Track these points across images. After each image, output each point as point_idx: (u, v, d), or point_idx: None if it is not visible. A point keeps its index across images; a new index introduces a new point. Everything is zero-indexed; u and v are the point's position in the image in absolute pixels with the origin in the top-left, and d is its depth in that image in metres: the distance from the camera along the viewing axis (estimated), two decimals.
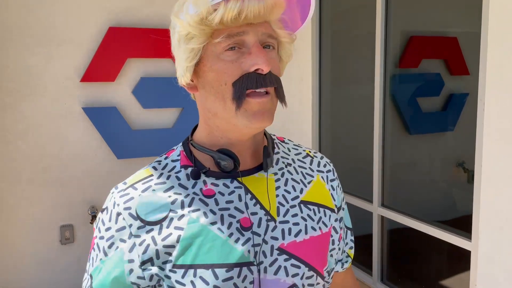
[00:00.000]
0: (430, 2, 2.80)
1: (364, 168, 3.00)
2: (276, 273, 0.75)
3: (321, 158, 0.92)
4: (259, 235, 0.75)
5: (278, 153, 0.87)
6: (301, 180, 0.85)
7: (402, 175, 3.01)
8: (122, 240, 0.73)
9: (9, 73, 2.87)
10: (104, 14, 3.06)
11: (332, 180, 0.90)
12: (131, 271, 0.72)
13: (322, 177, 0.88)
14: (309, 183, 0.85)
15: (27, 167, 2.96)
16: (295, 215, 0.80)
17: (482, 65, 1.95)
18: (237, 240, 0.73)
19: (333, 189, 0.89)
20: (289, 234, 0.78)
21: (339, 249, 0.88)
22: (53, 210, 3.04)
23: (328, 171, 0.90)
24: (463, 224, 2.22)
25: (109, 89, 3.12)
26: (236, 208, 0.76)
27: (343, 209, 0.92)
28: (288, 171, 0.84)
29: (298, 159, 0.88)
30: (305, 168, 0.88)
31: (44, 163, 3.00)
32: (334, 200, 0.88)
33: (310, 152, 0.92)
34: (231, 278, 0.72)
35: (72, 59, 3.00)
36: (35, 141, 2.97)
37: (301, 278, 0.77)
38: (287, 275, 0.76)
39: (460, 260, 2.30)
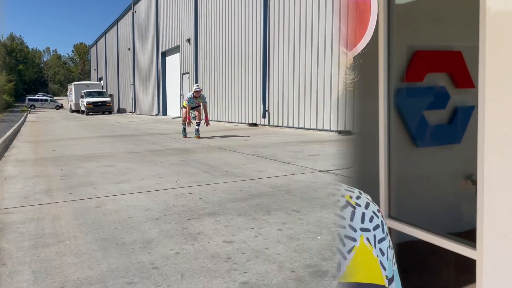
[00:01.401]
0: (433, 16, 2.85)
1: (371, 180, 3.02)
2: None
3: (367, 206, 0.63)
4: None
5: None
6: (338, 249, 0.59)
7: (410, 188, 3.01)
8: None
9: None
10: None
11: (381, 240, 0.62)
12: None
13: (367, 238, 0.61)
14: (349, 251, 0.59)
15: None
16: None
17: (481, 76, 1.99)
18: None
19: (383, 254, 0.62)
20: None
21: None
22: None
23: (376, 226, 0.62)
24: (472, 236, 2.21)
25: None
26: None
27: (394, 271, 0.65)
28: None
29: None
30: (344, 228, 0.60)
31: None
32: (385, 269, 0.61)
33: (351, 198, 0.64)
34: None
35: None
36: None
37: None
38: None
39: (469, 272, 2.28)
